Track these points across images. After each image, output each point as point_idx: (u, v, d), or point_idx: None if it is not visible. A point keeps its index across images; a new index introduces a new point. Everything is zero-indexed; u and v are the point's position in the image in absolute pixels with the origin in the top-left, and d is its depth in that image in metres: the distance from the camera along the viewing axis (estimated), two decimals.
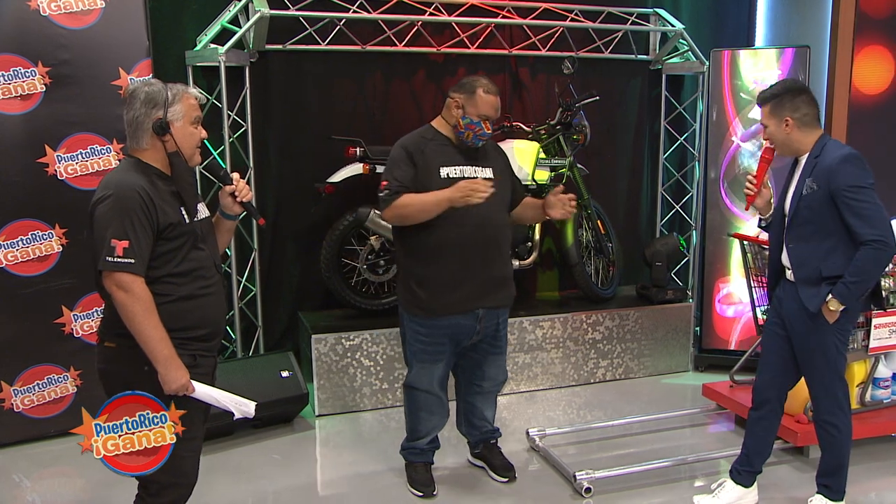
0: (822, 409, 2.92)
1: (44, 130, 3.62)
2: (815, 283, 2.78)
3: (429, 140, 3.05)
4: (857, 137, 5.22)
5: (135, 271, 2.13)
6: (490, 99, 2.98)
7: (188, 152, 2.31)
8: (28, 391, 3.75)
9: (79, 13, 3.64)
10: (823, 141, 2.80)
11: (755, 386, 3.09)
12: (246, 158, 4.39)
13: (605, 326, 4.68)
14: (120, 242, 2.10)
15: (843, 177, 2.67)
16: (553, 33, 4.90)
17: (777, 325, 2.98)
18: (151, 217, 2.16)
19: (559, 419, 4.18)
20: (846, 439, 2.93)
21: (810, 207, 2.74)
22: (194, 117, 2.30)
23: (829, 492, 3.01)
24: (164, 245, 2.21)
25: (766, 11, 5.61)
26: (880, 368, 3.75)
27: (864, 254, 2.65)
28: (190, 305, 2.25)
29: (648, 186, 5.49)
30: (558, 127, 4.60)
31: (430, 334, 3.06)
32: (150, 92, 2.24)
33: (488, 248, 3.03)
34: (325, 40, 4.44)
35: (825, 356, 2.84)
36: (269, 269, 4.64)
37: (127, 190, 2.15)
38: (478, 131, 2.99)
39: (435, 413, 3.24)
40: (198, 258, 2.29)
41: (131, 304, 2.12)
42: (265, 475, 3.49)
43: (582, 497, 3.24)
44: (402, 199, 2.93)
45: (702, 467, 3.50)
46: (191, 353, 2.26)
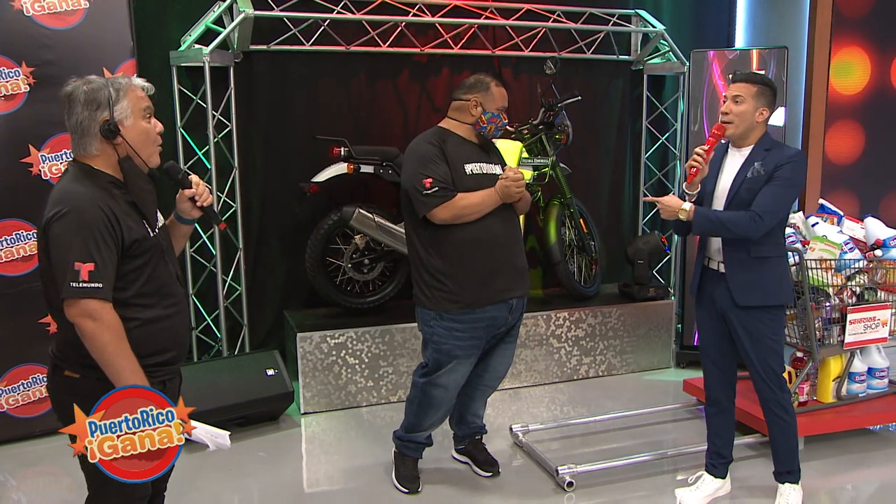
0: (769, 395, 2.96)
1: (28, 130, 3.62)
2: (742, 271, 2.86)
3: (446, 139, 3.12)
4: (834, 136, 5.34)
5: (103, 297, 1.87)
6: (502, 91, 3.16)
7: (146, 152, 2.05)
8: (13, 391, 3.76)
9: (63, 13, 3.64)
10: (771, 139, 2.92)
11: (704, 383, 3.16)
12: (231, 158, 4.41)
13: (588, 324, 4.73)
14: (85, 265, 1.84)
15: (790, 168, 2.80)
16: (536, 34, 4.95)
17: (711, 319, 3.02)
18: (116, 234, 1.91)
19: (543, 415, 4.23)
20: (794, 420, 3.00)
21: (751, 190, 2.83)
22: (143, 109, 2.03)
23: (792, 476, 3.07)
24: (130, 263, 1.96)
25: (746, 13, 5.69)
26: (856, 363, 3.83)
27: (743, 216, 2.77)
28: (158, 328, 2.03)
29: (630, 185, 5.55)
30: (541, 127, 4.64)
31: (467, 329, 3.08)
32: (90, 91, 1.97)
33: (511, 239, 3.14)
34: (310, 41, 4.47)
35: (764, 343, 2.90)
36: (255, 268, 4.66)
37: (86, 204, 1.89)
38: (499, 123, 3.13)
39: (442, 409, 3.27)
40: (163, 274, 2.06)
41: (101, 333, 1.86)
42: (251, 473, 3.51)
43: (564, 491, 3.29)
44: (459, 198, 2.99)
45: (683, 461, 3.56)
46: (160, 381, 2.05)
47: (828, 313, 3.61)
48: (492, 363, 3.33)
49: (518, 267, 3.16)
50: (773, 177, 2.80)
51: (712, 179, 2.96)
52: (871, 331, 3.63)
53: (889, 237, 3.75)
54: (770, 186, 2.79)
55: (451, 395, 3.23)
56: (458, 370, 3.17)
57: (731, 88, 2.90)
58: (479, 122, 3.10)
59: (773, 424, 3.01)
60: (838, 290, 3.62)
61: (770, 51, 4.71)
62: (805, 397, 3.75)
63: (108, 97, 1.97)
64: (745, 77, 2.89)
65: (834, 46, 5.25)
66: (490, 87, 3.11)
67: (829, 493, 3.35)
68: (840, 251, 3.59)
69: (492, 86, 3.11)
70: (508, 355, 3.37)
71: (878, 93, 5.55)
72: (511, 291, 3.12)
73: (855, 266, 3.64)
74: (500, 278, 3.08)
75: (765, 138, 2.90)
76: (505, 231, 3.11)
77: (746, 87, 2.86)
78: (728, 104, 2.89)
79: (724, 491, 3.22)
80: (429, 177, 2.98)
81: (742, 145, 2.92)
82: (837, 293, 3.63)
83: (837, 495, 3.36)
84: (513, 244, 3.16)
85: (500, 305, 3.10)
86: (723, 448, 3.18)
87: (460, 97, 3.13)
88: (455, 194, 2.99)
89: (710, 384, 3.13)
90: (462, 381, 3.23)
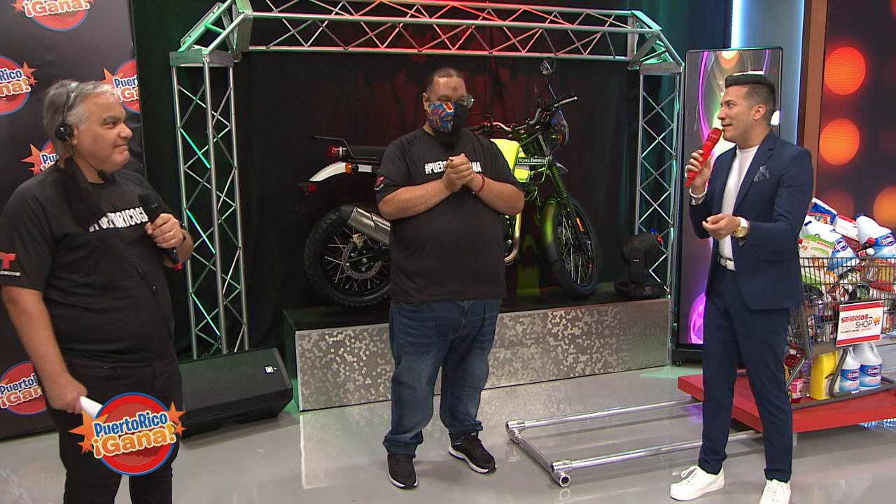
0: (767, 394, 3.00)
1: (29, 130, 3.66)
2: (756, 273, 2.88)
3: (417, 139, 3.20)
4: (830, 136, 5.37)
5: (21, 284, 2.06)
6: (449, 80, 3.13)
7: (102, 154, 2.18)
8: (14, 388, 3.80)
9: (64, 15, 3.68)
10: (774, 137, 2.93)
11: (704, 379, 3.19)
12: (230, 158, 4.44)
13: (585, 322, 4.77)
14: (6, 255, 2.05)
15: (797, 168, 2.81)
16: (532, 34, 4.99)
17: (719, 316, 3.07)
18: (43, 227, 2.07)
19: (539, 412, 4.26)
20: (790, 420, 3.05)
21: (759, 194, 2.86)
22: (105, 118, 2.16)
23: (782, 475, 3.11)
24: (68, 255, 2.12)
25: (742, 13, 5.73)
26: (848, 360, 3.86)
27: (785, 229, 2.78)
28: (103, 318, 2.16)
29: (627, 185, 5.59)
30: (537, 126, 4.68)
31: (417, 326, 3.14)
32: (53, 96, 2.15)
33: (474, 241, 3.12)
34: (308, 42, 4.51)
35: (767, 343, 2.95)
36: (254, 266, 4.69)
37: (17, 202, 2.09)
38: (440, 113, 3.11)
39: (417, 410, 3.31)
40: (113, 268, 2.17)
41: (17, 317, 2.08)
42: (250, 469, 3.55)
43: (559, 487, 3.33)
44: (401, 191, 3.06)
45: (677, 457, 3.59)
46: (110, 366, 2.18)
47: (820, 311, 3.64)
48: (469, 368, 3.37)
49: (477, 269, 3.12)
50: (784, 181, 2.80)
51: (720, 182, 3.00)
52: (863, 328, 3.66)
53: (881, 236, 3.78)
54: (787, 191, 2.80)
55: (419, 395, 3.25)
56: (416, 368, 3.20)
57: (725, 94, 2.95)
58: (428, 116, 3.17)
59: (769, 423, 3.05)
60: (831, 288, 3.66)
61: (765, 51, 4.75)
62: (798, 394, 3.78)
63: (65, 101, 2.13)
64: (735, 80, 2.93)
65: (828, 47, 5.29)
66: (434, 78, 3.14)
67: (822, 488, 3.39)
68: (833, 250, 3.62)
69: (435, 77, 3.14)
70: (483, 361, 3.39)
71: (873, 92, 5.59)
72: (464, 294, 3.11)
73: (847, 264, 3.67)
74: (452, 279, 3.08)
75: (769, 137, 2.92)
76: (467, 231, 3.09)
77: (736, 89, 2.90)
78: (723, 109, 2.94)
79: (716, 486, 3.25)
80: (382, 175, 3.11)
81: (746, 146, 2.95)
82: (830, 291, 3.67)
83: (830, 491, 3.39)
84: (476, 246, 3.11)
85: (451, 306, 3.11)
86: (717, 445, 3.22)
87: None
88: (397, 188, 3.05)
89: (709, 380, 3.16)
90: (427, 382, 3.26)
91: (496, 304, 3.28)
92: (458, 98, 3.11)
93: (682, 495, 3.21)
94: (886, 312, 3.77)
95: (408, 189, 3.06)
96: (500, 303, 3.31)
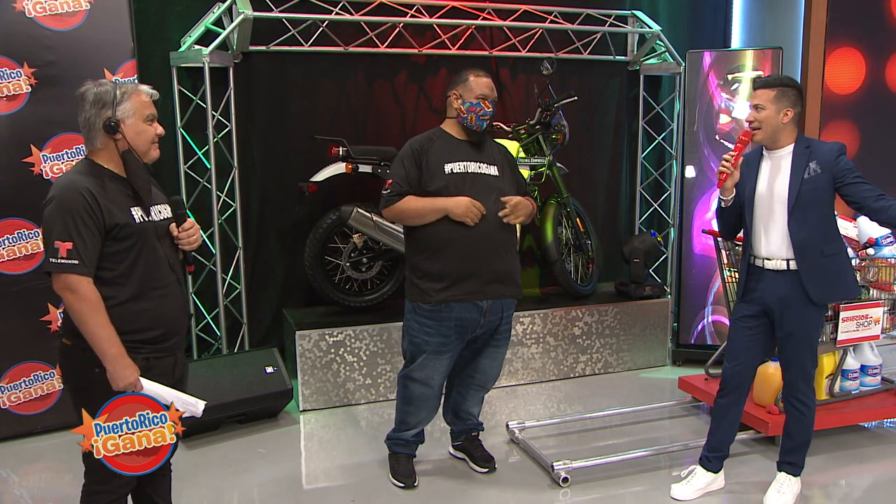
0: (798, 390, 3.04)
1: (29, 130, 3.66)
2: (820, 269, 2.91)
3: (436, 140, 3.18)
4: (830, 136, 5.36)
5: (79, 272, 2.12)
6: (482, 80, 3.16)
7: (142, 149, 2.30)
8: (15, 388, 3.79)
9: (64, 15, 3.68)
10: (807, 138, 2.96)
11: (725, 374, 3.18)
12: (230, 158, 4.44)
13: (585, 322, 4.77)
14: (64, 244, 2.11)
15: (846, 160, 2.87)
16: (533, 34, 4.99)
17: (750, 317, 3.07)
18: (97, 218, 2.15)
19: (539, 412, 4.27)
20: (813, 416, 3.07)
21: (814, 190, 2.87)
22: (147, 115, 2.29)
23: (793, 468, 3.13)
24: (114, 245, 2.20)
25: (742, 13, 5.73)
26: (848, 360, 3.87)
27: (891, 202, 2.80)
28: (141, 307, 2.24)
29: (627, 185, 5.59)
30: (538, 126, 4.68)
31: (436, 326, 3.14)
32: (99, 92, 2.25)
33: (492, 243, 3.13)
34: (309, 42, 4.51)
35: (809, 341, 2.99)
36: (254, 266, 4.70)
37: (70, 192, 2.14)
38: (479, 112, 3.13)
39: (424, 407, 3.31)
40: (151, 259, 2.27)
41: (77, 304, 2.13)
42: (250, 469, 3.55)
43: (559, 486, 3.33)
44: (403, 201, 3.08)
45: (678, 457, 3.60)
46: (144, 357, 2.24)
47: None
48: (481, 365, 3.37)
49: (496, 271, 3.14)
50: (844, 174, 2.84)
51: (750, 184, 3.00)
52: (863, 328, 3.66)
53: (881, 236, 3.78)
54: (857, 180, 2.83)
55: (430, 392, 3.26)
56: (431, 366, 3.20)
57: (752, 97, 2.95)
58: (459, 114, 3.15)
59: (791, 416, 3.08)
60: None
61: (765, 51, 4.75)
62: None
63: (113, 98, 2.24)
64: (763, 83, 2.93)
65: (828, 47, 5.29)
66: (468, 77, 3.15)
67: (823, 488, 3.39)
68: None
69: (470, 76, 3.15)
70: (497, 358, 3.39)
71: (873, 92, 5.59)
72: (482, 294, 3.12)
73: None
74: (471, 280, 3.10)
75: (801, 137, 2.94)
76: (485, 233, 3.09)
77: (765, 92, 2.90)
78: (751, 112, 2.94)
79: (717, 485, 3.26)
80: (391, 178, 3.12)
81: (775, 147, 2.95)
82: None
83: (830, 491, 3.39)
84: (494, 246, 3.13)
85: (469, 306, 3.12)
86: (723, 442, 3.22)
87: (447, 94, 3.21)
88: (401, 197, 3.08)
89: (730, 377, 3.14)
90: (441, 380, 3.27)
91: (513, 304, 3.30)
92: (493, 98, 3.16)
93: (682, 495, 3.21)
94: (886, 312, 3.76)
95: (410, 199, 3.08)
96: (517, 302, 3.33)
